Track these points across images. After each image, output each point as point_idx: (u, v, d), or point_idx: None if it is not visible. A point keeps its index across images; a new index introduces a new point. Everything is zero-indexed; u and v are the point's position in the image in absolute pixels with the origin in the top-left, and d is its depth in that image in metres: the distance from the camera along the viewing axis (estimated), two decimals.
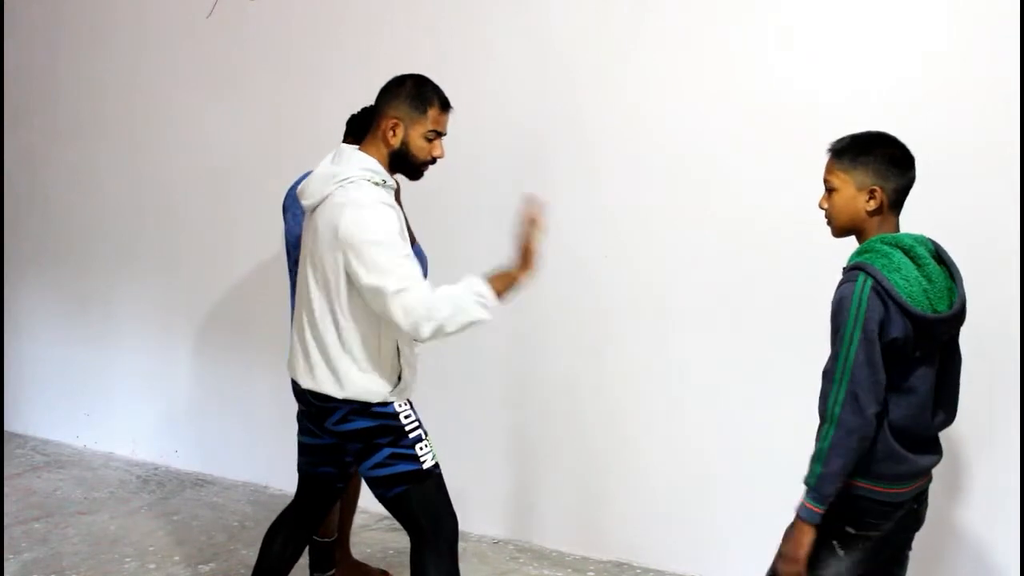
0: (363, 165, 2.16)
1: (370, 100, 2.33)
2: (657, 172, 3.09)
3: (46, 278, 4.71)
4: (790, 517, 2.16)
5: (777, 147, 2.89)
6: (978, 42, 2.63)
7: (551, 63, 3.24)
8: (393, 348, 2.20)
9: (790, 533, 1.87)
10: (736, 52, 2.94)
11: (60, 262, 4.66)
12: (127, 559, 3.29)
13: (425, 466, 2.19)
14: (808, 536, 1.84)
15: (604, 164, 3.18)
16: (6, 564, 3.20)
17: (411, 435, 2.19)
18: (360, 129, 2.76)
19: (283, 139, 3.81)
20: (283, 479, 3.95)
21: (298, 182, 2.77)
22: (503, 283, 2.13)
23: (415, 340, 2.16)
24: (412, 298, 2.02)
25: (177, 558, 3.30)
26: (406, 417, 2.21)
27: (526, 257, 2.14)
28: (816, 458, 1.83)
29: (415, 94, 2.18)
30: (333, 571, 2.91)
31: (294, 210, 2.73)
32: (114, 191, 4.42)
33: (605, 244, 3.19)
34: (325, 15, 3.72)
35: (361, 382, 2.16)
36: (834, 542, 1.88)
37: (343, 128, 2.87)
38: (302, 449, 2.39)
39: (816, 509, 1.82)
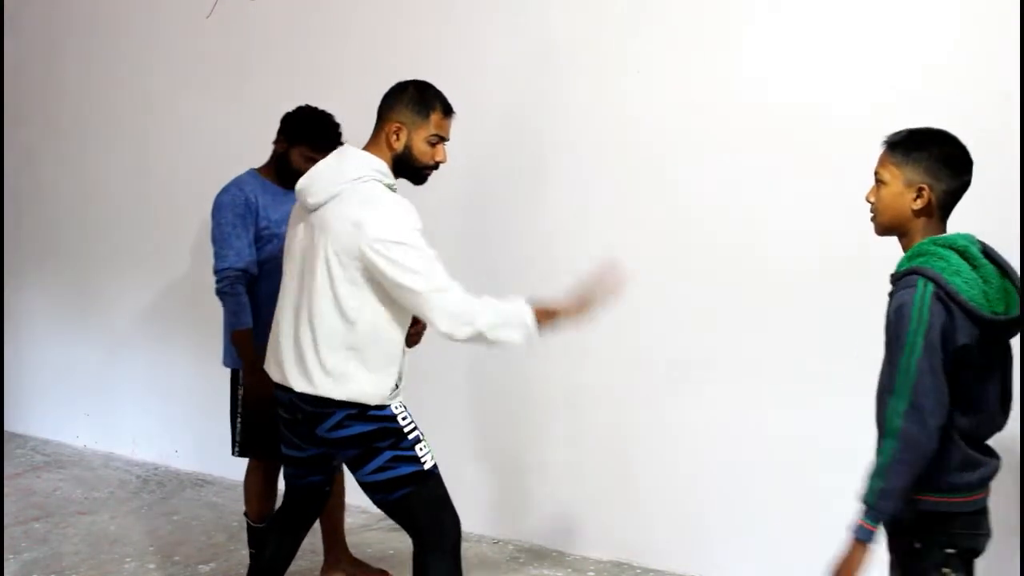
0: (374, 166, 2.14)
1: (368, 98, 2.33)
2: (657, 172, 3.09)
3: (46, 278, 4.72)
4: (789, 517, 2.15)
5: (778, 147, 2.89)
6: (979, 44, 2.63)
7: (550, 63, 3.24)
8: (399, 349, 2.17)
9: (844, 550, 1.75)
10: (737, 54, 2.93)
11: (60, 262, 4.66)
12: (127, 559, 3.29)
13: (426, 467, 2.16)
14: (863, 556, 1.72)
15: (604, 164, 3.18)
16: (6, 564, 3.20)
17: (410, 436, 2.16)
18: (294, 133, 2.81)
19: None
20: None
21: (223, 190, 2.84)
22: (546, 317, 2.13)
23: (450, 339, 2.11)
24: (451, 300, 2.04)
25: (177, 558, 3.30)
26: (403, 419, 2.17)
27: (581, 306, 2.17)
28: (877, 474, 1.72)
29: (418, 99, 2.18)
30: None
31: (217, 218, 2.82)
32: (114, 191, 4.42)
33: (604, 244, 3.18)
34: (323, 15, 3.72)
35: (363, 383, 2.11)
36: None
37: (343, 128, 2.87)
38: (287, 461, 2.36)
39: (873, 528, 1.71)
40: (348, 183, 2.10)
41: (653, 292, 3.12)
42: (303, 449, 2.27)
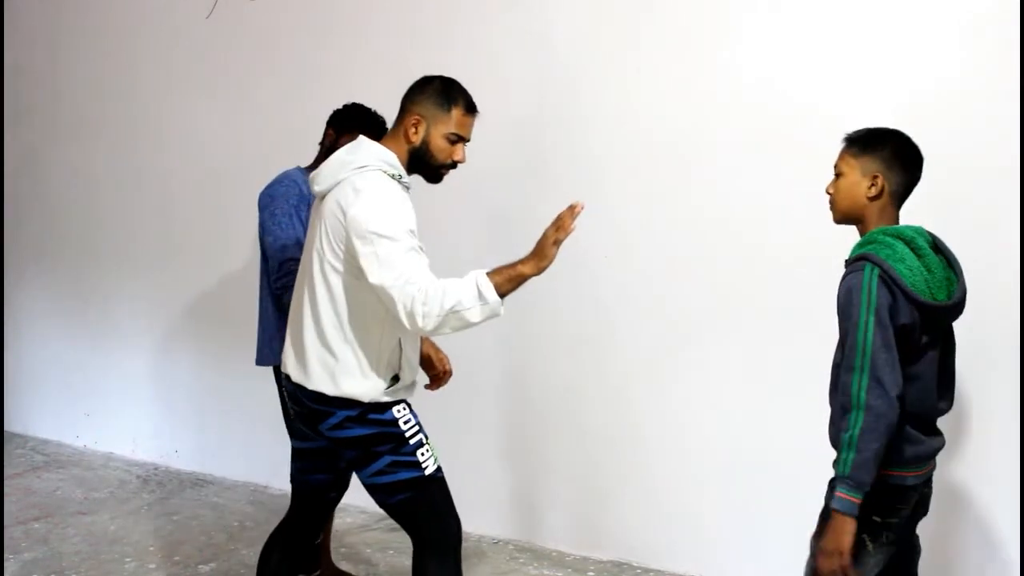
0: (380, 156, 2.10)
1: (368, 99, 2.33)
2: (657, 172, 3.09)
3: (46, 278, 4.71)
4: (791, 517, 2.16)
5: (778, 148, 2.89)
6: (981, 43, 2.63)
7: (551, 63, 3.24)
8: (395, 345, 2.12)
9: (828, 528, 1.83)
10: (739, 53, 2.93)
11: (60, 262, 4.66)
12: (127, 559, 3.29)
13: (427, 472, 2.13)
14: (850, 527, 1.80)
15: (604, 164, 3.17)
16: (6, 564, 3.20)
17: (411, 441, 2.13)
18: (343, 123, 2.71)
19: (282, 139, 3.80)
20: (284, 479, 3.91)
21: (275, 182, 2.75)
22: (507, 278, 2.01)
23: (418, 332, 2.06)
24: (411, 292, 1.95)
25: (177, 558, 3.30)
26: (405, 423, 2.14)
27: (541, 256, 2.03)
28: (848, 446, 1.79)
29: (441, 92, 2.14)
30: (318, 572, 2.89)
31: (271, 209, 2.68)
32: (114, 191, 4.42)
33: (605, 244, 3.19)
34: (324, 15, 3.72)
35: (355, 379, 2.08)
36: (863, 536, 1.85)
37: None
38: (295, 455, 2.33)
39: (854, 499, 1.79)
40: (351, 171, 2.07)
41: (657, 292, 3.12)
42: (312, 440, 2.23)
